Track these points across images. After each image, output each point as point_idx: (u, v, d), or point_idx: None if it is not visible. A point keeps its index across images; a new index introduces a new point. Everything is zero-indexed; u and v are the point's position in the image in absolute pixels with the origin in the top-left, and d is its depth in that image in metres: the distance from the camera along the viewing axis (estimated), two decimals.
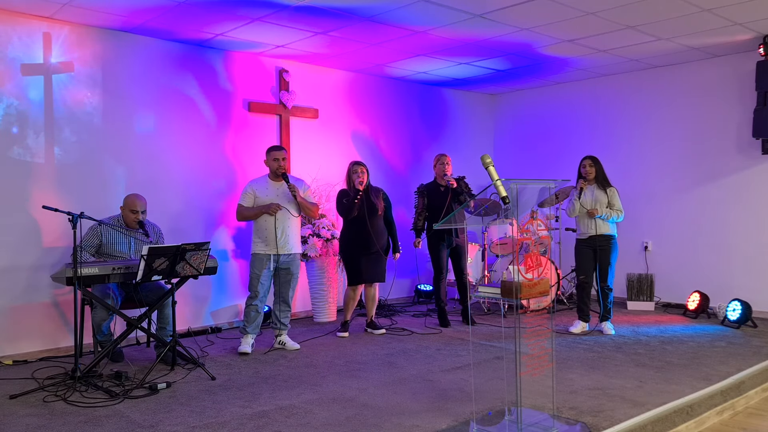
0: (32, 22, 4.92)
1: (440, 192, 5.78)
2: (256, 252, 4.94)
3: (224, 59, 6.02)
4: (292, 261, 5.01)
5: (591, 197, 5.43)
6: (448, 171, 5.75)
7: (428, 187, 5.89)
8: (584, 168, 5.48)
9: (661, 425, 3.34)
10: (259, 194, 4.94)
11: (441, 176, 5.79)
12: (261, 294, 4.91)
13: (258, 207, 4.89)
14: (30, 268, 4.91)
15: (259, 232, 4.93)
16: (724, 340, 5.18)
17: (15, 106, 4.87)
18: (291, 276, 5.01)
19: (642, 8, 4.91)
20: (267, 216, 4.87)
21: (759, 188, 6.26)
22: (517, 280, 2.95)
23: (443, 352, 4.89)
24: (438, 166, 5.82)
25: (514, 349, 2.98)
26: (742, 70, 6.32)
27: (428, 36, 5.60)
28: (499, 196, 2.96)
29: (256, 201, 4.93)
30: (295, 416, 3.41)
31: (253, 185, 4.99)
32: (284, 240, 4.92)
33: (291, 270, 5.00)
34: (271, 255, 4.90)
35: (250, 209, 4.92)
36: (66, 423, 3.34)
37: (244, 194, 4.97)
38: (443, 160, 5.79)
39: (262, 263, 4.90)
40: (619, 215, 5.40)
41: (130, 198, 4.73)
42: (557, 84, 7.84)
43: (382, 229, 5.57)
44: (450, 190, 5.70)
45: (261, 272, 4.89)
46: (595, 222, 5.40)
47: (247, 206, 4.93)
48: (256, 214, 4.89)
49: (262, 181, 5.02)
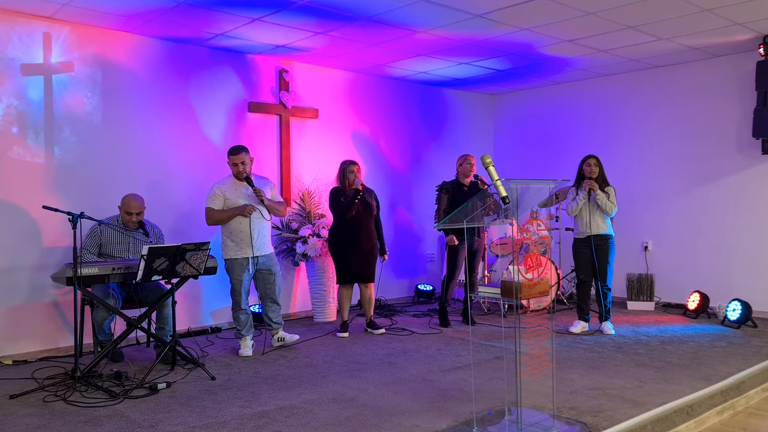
0: (32, 22, 4.92)
1: (464, 191, 5.79)
2: (233, 257, 4.78)
3: (224, 59, 6.02)
4: (271, 260, 4.94)
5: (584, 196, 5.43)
6: (473, 171, 5.81)
7: (452, 184, 5.88)
8: (589, 167, 5.45)
9: (661, 425, 3.34)
10: (229, 196, 4.77)
11: (464, 175, 5.81)
12: (244, 299, 4.86)
13: (231, 209, 4.74)
14: (30, 268, 4.91)
15: (232, 235, 4.78)
16: (724, 340, 5.18)
17: (15, 106, 4.87)
18: (274, 276, 4.94)
19: (642, 8, 4.91)
20: (241, 218, 4.74)
21: (759, 188, 6.26)
22: (517, 280, 2.95)
23: (443, 352, 4.89)
24: (465, 165, 5.82)
25: (514, 349, 2.98)
26: (742, 70, 6.32)
27: (428, 36, 5.60)
28: (500, 196, 2.97)
29: (226, 203, 4.78)
30: (295, 416, 3.41)
31: (220, 186, 4.82)
32: (261, 241, 4.83)
33: (272, 270, 4.93)
34: (249, 258, 4.80)
35: (222, 212, 4.75)
36: (66, 423, 3.34)
37: (213, 197, 4.77)
38: (470, 161, 5.82)
39: (242, 268, 4.79)
40: (612, 209, 5.38)
41: (126, 199, 4.72)
42: (557, 84, 7.84)
43: (372, 229, 5.56)
44: (474, 190, 5.73)
45: (242, 277, 4.79)
46: (592, 222, 5.40)
47: (218, 209, 4.77)
48: (229, 216, 4.73)
49: (228, 182, 4.85)
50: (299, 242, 6.07)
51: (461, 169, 5.85)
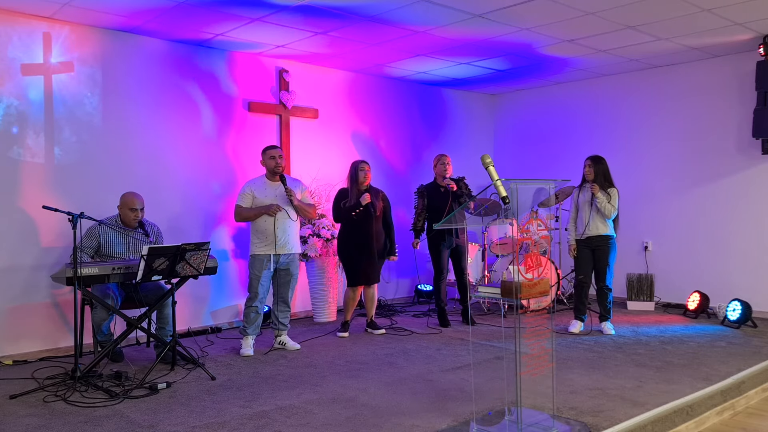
0: (32, 22, 4.92)
1: (440, 193, 5.78)
2: (255, 253, 4.91)
3: (224, 59, 6.02)
4: (292, 261, 5.00)
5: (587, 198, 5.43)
6: (448, 171, 5.75)
7: (428, 187, 5.89)
8: (584, 168, 5.46)
9: (661, 425, 3.34)
10: (258, 195, 4.91)
11: (441, 176, 5.78)
12: (261, 295, 4.89)
13: (257, 208, 4.86)
14: (30, 268, 4.91)
15: (258, 233, 4.90)
16: (724, 340, 5.18)
17: (15, 106, 4.87)
18: (290, 276, 5.00)
19: (642, 8, 4.91)
20: (267, 216, 4.84)
21: (759, 188, 6.26)
22: (517, 280, 2.95)
23: (443, 352, 4.89)
24: (438, 166, 5.81)
25: (514, 349, 2.98)
26: (742, 70, 6.32)
27: (428, 36, 5.60)
28: (499, 196, 2.96)
29: (254, 202, 4.90)
30: (295, 416, 3.41)
31: (251, 185, 4.96)
32: (284, 240, 4.90)
33: (290, 270, 4.99)
34: (271, 255, 4.88)
35: (249, 210, 4.88)
36: (66, 423, 3.34)
37: (243, 195, 4.93)
38: (444, 161, 5.78)
39: (262, 264, 4.87)
40: (612, 212, 5.37)
41: (127, 196, 4.71)
42: (557, 84, 7.84)
43: (380, 231, 5.56)
44: (450, 191, 5.70)
45: (261, 273, 4.87)
46: (592, 223, 5.40)
47: (246, 207, 4.90)
48: (255, 214, 4.86)
49: (259, 181, 5.00)
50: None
51: (436, 170, 5.84)
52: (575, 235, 5.53)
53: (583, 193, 5.49)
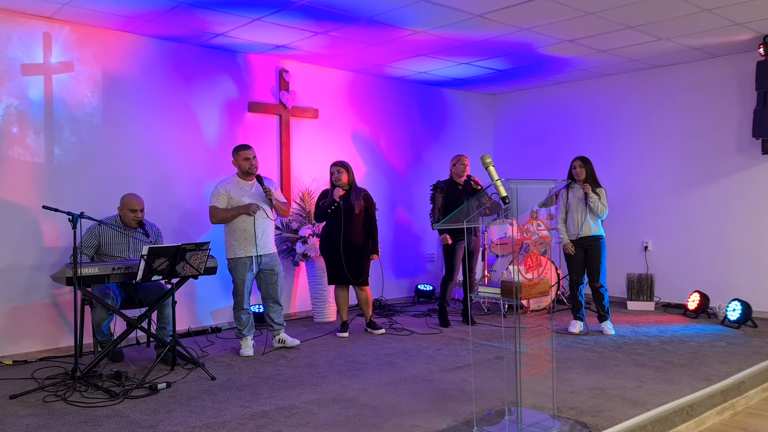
0: (32, 22, 4.92)
1: (458, 190, 5.81)
2: (236, 256, 4.78)
3: (224, 59, 6.02)
4: (274, 260, 4.94)
5: (578, 197, 5.43)
6: (466, 171, 5.84)
7: (446, 184, 5.89)
8: (575, 169, 5.46)
9: (661, 425, 3.34)
10: (234, 194, 4.79)
11: (458, 176, 5.83)
12: (246, 299, 4.85)
13: (235, 208, 4.74)
14: (30, 268, 4.91)
15: (236, 234, 4.78)
16: (724, 340, 5.18)
17: (15, 106, 4.87)
18: (276, 276, 4.94)
19: (642, 8, 4.91)
20: (245, 216, 4.74)
21: (759, 188, 6.26)
22: (517, 280, 2.95)
23: (443, 352, 4.89)
24: (458, 165, 5.84)
25: (514, 349, 2.98)
26: (742, 70, 6.32)
27: (428, 36, 5.60)
28: (499, 196, 2.96)
29: (230, 202, 4.78)
30: (295, 416, 3.41)
31: (224, 185, 4.83)
32: (264, 240, 4.84)
33: (275, 270, 4.93)
34: (253, 257, 4.80)
35: (226, 211, 4.76)
36: (66, 423, 3.34)
37: (217, 195, 4.79)
38: (463, 161, 5.83)
39: (246, 268, 4.79)
40: (604, 211, 5.39)
41: (127, 197, 4.72)
42: (557, 84, 7.84)
43: (359, 229, 5.49)
44: (468, 190, 5.77)
45: (245, 277, 4.79)
46: (584, 223, 5.41)
47: (222, 207, 4.78)
48: (233, 215, 4.74)
49: (232, 181, 4.87)
50: (299, 242, 6.07)
51: (454, 169, 5.87)
52: (567, 234, 5.54)
53: (573, 193, 5.50)
